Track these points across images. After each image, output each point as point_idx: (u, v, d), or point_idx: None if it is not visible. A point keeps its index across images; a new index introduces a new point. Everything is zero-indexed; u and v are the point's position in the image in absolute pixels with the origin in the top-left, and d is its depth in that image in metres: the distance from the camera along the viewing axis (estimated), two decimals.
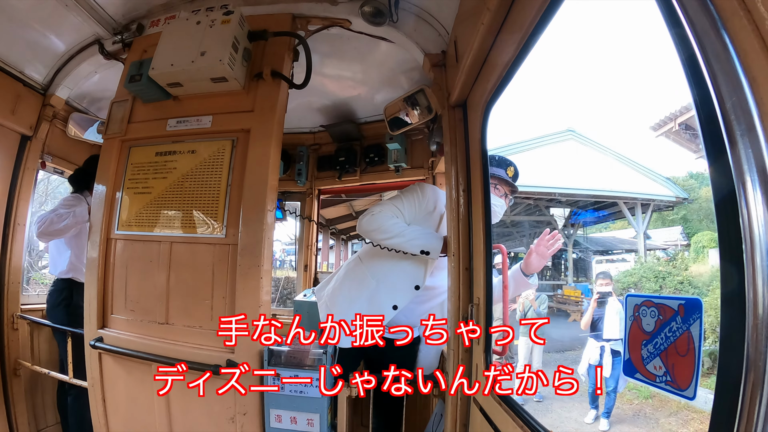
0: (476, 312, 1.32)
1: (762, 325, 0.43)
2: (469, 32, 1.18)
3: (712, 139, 0.50)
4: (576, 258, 11.24)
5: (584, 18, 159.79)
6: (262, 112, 1.53)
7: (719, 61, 0.46)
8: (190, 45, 1.47)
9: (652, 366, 0.72)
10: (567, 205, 10.62)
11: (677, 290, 6.96)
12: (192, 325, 1.52)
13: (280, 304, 7.19)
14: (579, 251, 11.16)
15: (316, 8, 1.62)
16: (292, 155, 2.77)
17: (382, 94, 2.28)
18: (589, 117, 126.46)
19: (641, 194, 9.60)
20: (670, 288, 7.08)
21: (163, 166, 1.62)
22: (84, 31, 1.86)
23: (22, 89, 2.02)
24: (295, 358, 1.42)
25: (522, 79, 2.88)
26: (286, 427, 1.42)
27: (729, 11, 0.45)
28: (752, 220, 0.42)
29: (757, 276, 0.43)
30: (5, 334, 2.02)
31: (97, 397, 1.63)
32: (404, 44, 1.64)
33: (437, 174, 2.43)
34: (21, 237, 2.09)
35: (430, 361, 1.75)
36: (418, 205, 1.63)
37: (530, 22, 0.91)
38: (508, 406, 1.09)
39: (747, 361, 0.44)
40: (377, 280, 1.62)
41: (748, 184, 0.43)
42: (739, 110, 0.44)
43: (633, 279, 7.61)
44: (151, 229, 1.60)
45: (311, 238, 2.88)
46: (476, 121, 1.35)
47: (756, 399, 0.43)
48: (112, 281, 1.65)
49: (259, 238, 1.44)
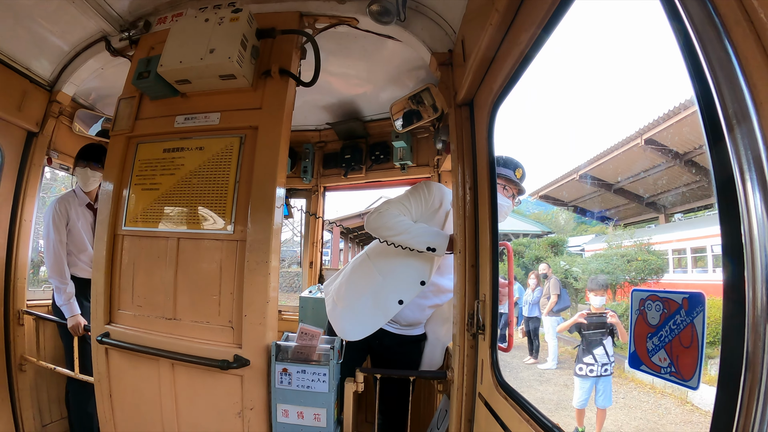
0: (482, 308, 1.34)
1: (759, 323, 0.44)
2: (477, 32, 1.19)
3: (714, 139, 0.52)
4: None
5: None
6: (270, 110, 1.54)
7: (722, 66, 0.47)
8: (198, 42, 1.48)
9: (657, 358, 0.74)
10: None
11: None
12: (199, 321, 1.53)
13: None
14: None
15: (324, 6, 1.63)
16: (298, 152, 2.79)
17: (388, 92, 2.29)
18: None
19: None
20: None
21: (171, 162, 1.63)
22: (90, 27, 1.87)
23: (29, 86, 2.02)
24: (302, 354, 1.44)
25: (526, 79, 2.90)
26: (293, 422, 1.44)
27: (732, 20, 0.47)
28: (752, 220, 0.44)
29: (757, 276, 0.44)
30: (11, 330, 2.03)
31: (103, 392, 1.65)
32: (411, 43, 1.65)
33: (443, 172, 2.45)
34: (27, 233, 2.10)
35: (435, 357, 1.77)
36: (425, 203, 1.65)
37: (539, 23, 0.92)
38: (514, 400, 1.10)
39: (746, 359, 0.45)
40: (383, 275, 1.64)
41: (748, 184, 0.44)
42: (738, 110, 0.45)
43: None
44: (159, 225, 1.61)
45: (316, 234, 2.89)
46: (483, 120, 1.36)
47: (753, 397, 0.44)
48: (120, 277, 1.66)
49: (267, 235, 1.46)
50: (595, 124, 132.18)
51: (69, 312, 2.03)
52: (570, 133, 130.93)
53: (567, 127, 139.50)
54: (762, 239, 0.44)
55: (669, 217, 10.74)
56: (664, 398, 4.89)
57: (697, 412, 4.52)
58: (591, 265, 9.13)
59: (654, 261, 8.44)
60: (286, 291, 11.75)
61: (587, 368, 3.58)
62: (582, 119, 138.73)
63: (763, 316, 0.44)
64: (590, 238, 13.34)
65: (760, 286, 0.44)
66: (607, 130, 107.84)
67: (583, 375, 3.61)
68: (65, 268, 2.09)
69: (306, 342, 1.44)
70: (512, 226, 15.99)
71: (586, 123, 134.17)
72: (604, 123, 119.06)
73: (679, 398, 4.78)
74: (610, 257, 8.99)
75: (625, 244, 9.47)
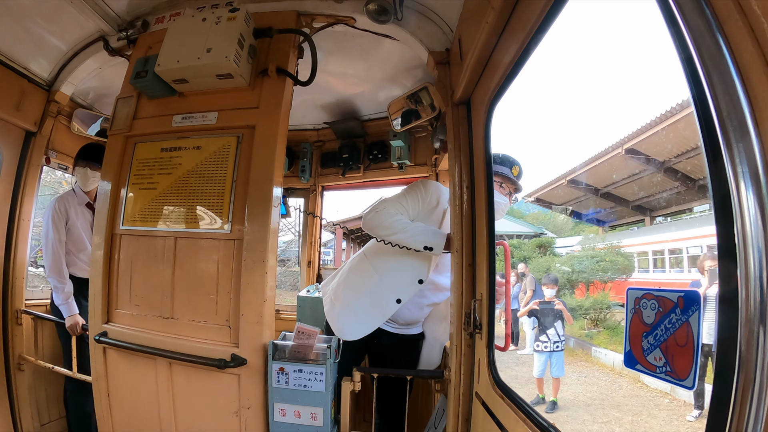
0: (479, 307, 1.34)
1: (753, 321, 0.44)
2: (474, 31, 1.19)
3: (710, 140, 0.51)
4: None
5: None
6: (267, 109, 1.54)
7: (714, 61, 0.47)
8: (196, 41, 1.48)
9: (653, 357, 0.73)
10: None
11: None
12: (197, 320, 1.53)
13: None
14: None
15: (321, 6, 1.63)
16: (296, 152, 2.79)
17: (386, 91, 2.29)
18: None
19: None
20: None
21: (169, 161, 1.63)
22: (88, 27, 1.87)
23: (27, 85, 2.02)
24: (299, 353, 1.44)
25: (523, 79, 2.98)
26: (289, 421, 1.44)
27: (725, 13, 0.47)
28: (745, 220, 0.44)
29: (750, 277, 0.44)
30: (9, 329, 2.03)
31: (101, 391, 1.65)
32: (408, 42, 1.65)
33: (440, 171, 2.45)
34: (26, 233, 2.10)
35: (433, 357, 1.77)
36: (422, 202, 1.64)
37: (534, 21, 0.92)
38: (511, 400, 1.10)
39: (739, 359, 0.45)
40: (380, 274, 1.64)
41: (741, 185, 0.44)
42: (732, 111, 0.45)
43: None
44: (156, 224, 1.61)
45: (314, 234, 2.89)
46: (480, 119, 1.36)
47: (747, 396, 0.44)
48: (117, 276, 1.66)
49: (264, 234, 1.46)
50: (587, 127, 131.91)
51: (67, 311, 2.04)
52: (562, 135, 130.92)
53: (559, 129, 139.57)
54: (755, 239, 0.43)
55: (653, 219, 11.54)
56: (621, 378, 5.72)
57: (645, 389, 5.21)
58: (565, 266, 10.08)
59: (620, 262, 9.49)
60: (290, 290, 11.99)
61: (542, 345, 4.60)
62: (574, 121, 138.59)
63: (756, 315, 0.44)
64: (579, 239, 14.16)
65: (753, 286, 0.44)
66: (598, 134, 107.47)
67: (540, 350, 4.65)
68: (64, 268, 2.09)
69: (303, 341, 1.44)
70: (505, 227, 16.29)
71: (579, 124, 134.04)
72: (596, 125, 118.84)
73: (633, 378, 5.54)
74: (581, 258, 10.13)
75: (598, 246, 10.74)
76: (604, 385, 5.63)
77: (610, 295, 8.60)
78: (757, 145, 0.44)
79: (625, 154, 8.22)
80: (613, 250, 10.00)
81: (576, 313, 7.88)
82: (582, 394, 5.24)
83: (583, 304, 8.31)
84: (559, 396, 4.78)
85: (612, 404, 4.86)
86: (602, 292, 8.89)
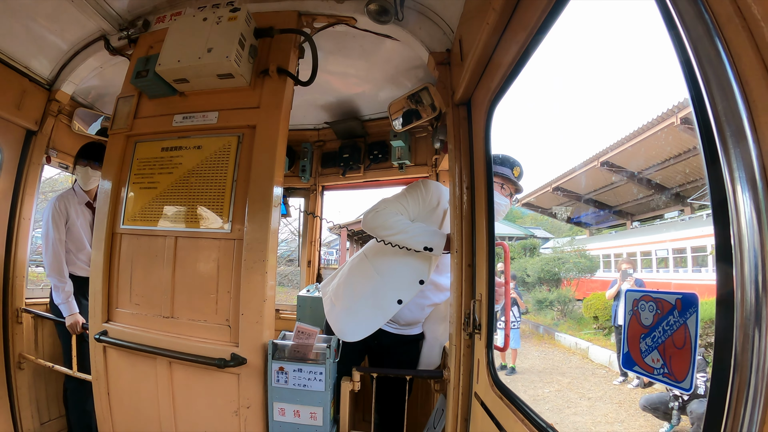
0: (478, 308, 1.34)
1: (748, 325, 0.44)
2: (474, 31, 1.20)
3: (708, 144, 0.52)
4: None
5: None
6: (268, 109, 1.54)
7: (713, 65, 0.47)
8: (197, 41, 1.48)
9: (650, 359, 0.73)
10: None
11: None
12: (197, 319, 1.54)
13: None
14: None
15: (322, 6, 1.63)
16: (297, 151, 2.79)
17: (386, 91, 2.29)
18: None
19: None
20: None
21: (169, 161, 1.64)
22: (89, 26, 1.87)
23: (28, 84, 2.03)
24: (299, 352, 1.44)
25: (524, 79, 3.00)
26: (289, 421, 1.44)
27: (725, 17, 0.47)
28: (741, 223, 0.44)
29: (745, 279, 0.44)
30: (10, 328, 2.03)
31: (101, 390, 1.65)
32: (409, 42, 1.65)
33: (441, 171, 2.45)
34: (26, 232, 2.10)
35: (432, 357, 1.77)
36: (422, 202, 1.65)
37: (535, 22, 0.92)
38: (510, 401, 1.11)
39: (735, 361, 0.45)
40: (381, 274, 1.64)
41: (738, 187, 0.44)
42: (730, 113, 0.45)
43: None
44: (157, 223, 1.62)
45: (315, 233, 2.89)
46: (480, 119, 1.36)
47: (742, 398, 0.45)
48: (118, 275, 1.66)
49: (264, 233, 1.46)
50: (586, 127, 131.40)
51: (67, 310, 2.04)
52: (557, 137, 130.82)
53: (557, 129, 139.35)
54: (751, 242, 0.44)
55: (631, 223, 12.94)
56: (573, 355, 7.39)
57: (590, 363, 6.73)
58: (536, 266, 11.63)
59: (583, 263, 11.16)
60: (296, 288, 12.39)
61: (502, 323, 5.53)
62: (571, 123, 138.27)
63: (751, 317, 0.44)
64: (552, 244, 15.95)
65: (748, 288, 0.44)
66: (596, 135, 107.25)
67: (501, 328, 5.54)
68: (64, 267, 2.09)
69: (303, 341, 1.45)
70: (497, 230, 18.38)
71: (575, 127, 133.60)
72: (595, 126, 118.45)
73: (582, 355, 7.24)
74: (550, 260, 11.80)
75: (566, 249, 12.59)
76: (558, 359, 7.23)
77: (572, 291, 10.43)
78: (754, 149, 0.44)
79: (601, 167, 9.43)
80: (578, 253, 11.72)
81: (542, 305, 10.19)
82: (538, 365, 6.89)
83: (548, 297, 10.31)
84: (517, 364, 6.40)
85: (559, 372, 6.34)
86: (566, 288, 10.71)
